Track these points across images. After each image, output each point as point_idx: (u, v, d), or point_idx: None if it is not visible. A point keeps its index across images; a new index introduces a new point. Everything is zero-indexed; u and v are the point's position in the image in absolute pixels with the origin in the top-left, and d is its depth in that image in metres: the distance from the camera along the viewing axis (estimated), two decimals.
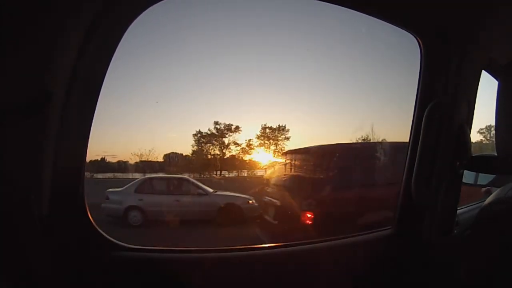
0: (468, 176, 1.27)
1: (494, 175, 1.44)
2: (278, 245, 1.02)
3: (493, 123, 0.86)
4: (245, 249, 0.99)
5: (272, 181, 3.19)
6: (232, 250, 0.98)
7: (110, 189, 3.21)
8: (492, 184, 1.43)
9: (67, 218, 0.82)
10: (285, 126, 3.72)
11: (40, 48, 0.67)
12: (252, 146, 3.82)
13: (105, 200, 3.05)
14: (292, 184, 2.90)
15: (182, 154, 3.89)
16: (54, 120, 0.74)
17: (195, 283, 0.90)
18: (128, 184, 3.31)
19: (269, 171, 3.55)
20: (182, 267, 0.91)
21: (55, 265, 0.77)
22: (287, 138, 3.72)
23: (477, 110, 1.07)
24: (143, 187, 3.31)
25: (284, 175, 3.07)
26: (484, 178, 1.49)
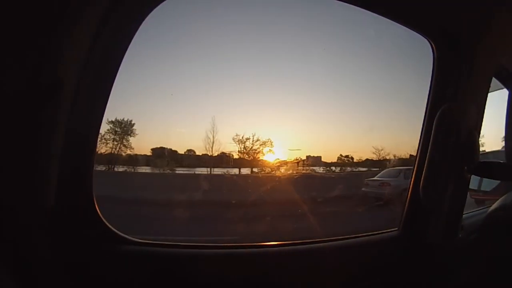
0: (472, 181, 1.27)
1: (498, 182, 1.45)
2: (283, 243, 1.01)
3: None
4: (250, 246, 0.98)
5: None
6: (237, 247, 0.98)
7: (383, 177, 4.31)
8: (496, 190, 1.44)
9: (74, 211, 0.81)
10: (131, 121, 3.71)
11: (53, 39, 0.66)
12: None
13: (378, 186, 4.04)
14: None
15: (170, 148, 3.89)
16: (64, 110, 0.73)
17: (200, 278, 0.89)
18: (391, 172, 4.35)
19: None
20: (187, 262, 0.91)
21: (61, 257, 0.76)
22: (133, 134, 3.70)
23: None
24: (407, 174, 4.27)
25: None
26: (488, 184, 1.50)
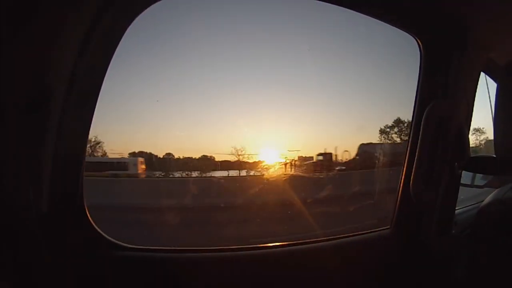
0: (465, 177, 1.28)
1: (492, 176, 1.45)
2: (277, 245, 1.02)
3: None
4: (245, 249, 0.99)
5: None
6: (231, 250, 0.98)
7: None
8: (489, 185, 1.44)
9: (66, 218, 0.81)
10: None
11: (41, 46, 0.67)
12: None
13: None
14: None
15: (150, 153, 3.81)
16: (54, 118, 0.74)
17: (195, 282, 0.90)
18: None
19: None
20: (181, 266, 0.91)
21: (54, 264, 0.76)
22: None
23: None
24: None
25: None
26: (482, 179, 1.49)
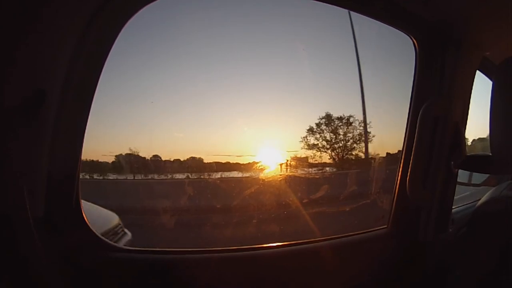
0: (462, 175, 1.28)
1: (488, 175, 1.45)
2: (276, 245, 1.01)
3: None
4: (243, 249, 0.98)
5: None
6: (229, 251, 0.98)
7: None
8: (486, 183, 1.44)
9: (63, 220, 0.81)
10: None
11: (36, 48, 0.67)
12: None
13: None
14: None
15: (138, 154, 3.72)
16: (49, 121, 0.73)
17: (193, 284, 0.89)
18: None
19: None
20: (179, 268, 0.91)
21: (51, 266, 0.76)
22: None
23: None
24: None
25: None
26: (478, 177, 1.50)
